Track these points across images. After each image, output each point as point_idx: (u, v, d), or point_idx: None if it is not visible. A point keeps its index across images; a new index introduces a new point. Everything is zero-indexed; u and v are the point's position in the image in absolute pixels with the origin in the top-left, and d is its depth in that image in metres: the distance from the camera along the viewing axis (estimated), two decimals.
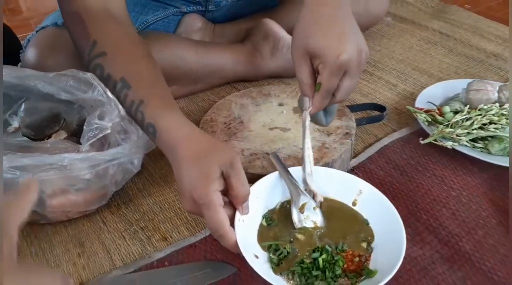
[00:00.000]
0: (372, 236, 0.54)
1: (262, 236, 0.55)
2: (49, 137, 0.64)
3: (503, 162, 0.63)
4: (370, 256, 0.52)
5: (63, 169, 0.56)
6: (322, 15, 0.53)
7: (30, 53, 0.75)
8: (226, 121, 0.72)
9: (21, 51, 0.78)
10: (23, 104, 0.67)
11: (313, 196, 0.56)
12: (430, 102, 0.75)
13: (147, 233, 0.60)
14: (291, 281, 0.50)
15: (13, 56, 0.80)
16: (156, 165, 0.72)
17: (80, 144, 0.59)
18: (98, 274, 0.55)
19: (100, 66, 0.59)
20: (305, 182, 0.57)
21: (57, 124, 0.65)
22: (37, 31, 0.77)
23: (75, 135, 0.65)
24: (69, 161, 0.56)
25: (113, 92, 0.60)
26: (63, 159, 0.56)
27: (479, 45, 1.01)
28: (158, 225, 0.61)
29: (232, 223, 0.50)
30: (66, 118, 0.66)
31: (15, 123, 0.64)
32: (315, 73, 0.55)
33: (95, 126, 0.57)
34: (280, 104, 0.75)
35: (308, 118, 0.57)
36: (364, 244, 0.53)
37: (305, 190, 0.56)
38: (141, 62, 0.60)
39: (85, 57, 0.61)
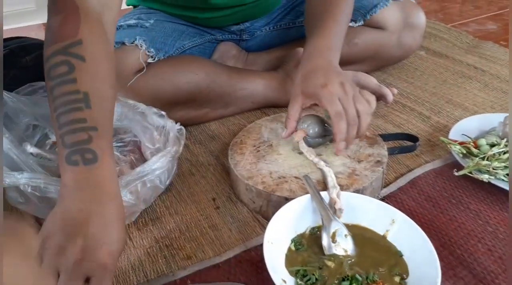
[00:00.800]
0: (407, 271, 0.52)
1: (290, 260, 0.54)
2: None
3: None
4: None
5: None
6: (315, 66, 0.69)
7: None
8: (256, 144, 0.73)
9: None
10: None
11: (334, 203, 0.56)
12: (465, 135, 0.73)
13: (171, 251, 0.60)
14: None
15: None
16: (185, 184, 0.73)
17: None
18: None
19: (72, 65, 0.51)
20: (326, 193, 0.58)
21: None
22: None
23: None
24: None
25: (56, 95, 0.49)
26: None
27: None
28: (183, 243, 0.61)
29: None
30: None
31: (54, 137, 0.67)
32: (301, 111, 0.68)
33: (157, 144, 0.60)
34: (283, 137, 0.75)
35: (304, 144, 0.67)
36: (398, 279, 0.51)
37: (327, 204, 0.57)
38: (110, 91, 0.53)
39: (58, 45, 0.52)
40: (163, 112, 0.68)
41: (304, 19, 0.84)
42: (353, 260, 0.53)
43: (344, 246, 0.54)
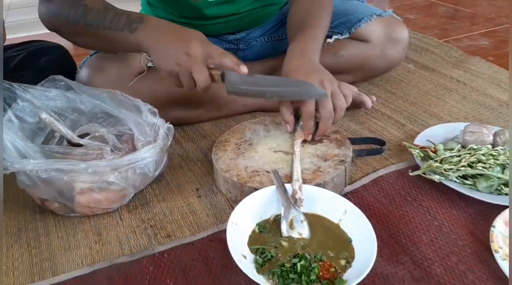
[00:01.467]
0: (353, 256, 0.59)
1: (252, 240, 0.62)
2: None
3: (489, 199, 0.66)
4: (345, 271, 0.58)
5: (89, 173, 0.67)
6: (294, 67, 0.77)
7: (83, 73, 0.90)
8: (238, 142, 0.82)
9: (77, 71, 0.93)
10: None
11: (295, 194, 0.65)
12: (429, 141, 0.80)
13: (154, 231, 0.69)
14: (271, 281, 0.56)
15: (69, 75, 0.95)
16: (174, 176, 0.82)
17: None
18: (108, 258, 0.64)
19: (84, 4, 0.75)
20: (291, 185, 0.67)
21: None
22: (91, 55, 0.93)
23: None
24: (94, 167, 0.67)
25: (93, 18, 0.75)
26: (89, 166, 0.67)
27: (494, 94, 1.05)
28: (165, 225, 0.70)
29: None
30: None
31: (67, 132, 0.77)
32: (293, 105, 0.76)
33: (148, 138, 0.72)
34: (290, 132, 0.83)
35: (299, 144, 0.71)
36: (343, 262, 0.58)
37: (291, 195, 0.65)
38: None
39: (64, 10, 0.76)
40: (155, 110, 0.77)
41: (287, 29, 0.93)
42: (306, 242, 0.61)
43: (299, 230, 0.62)
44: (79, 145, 0.75)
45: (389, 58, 1.07)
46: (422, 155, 0.74)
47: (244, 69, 0.69)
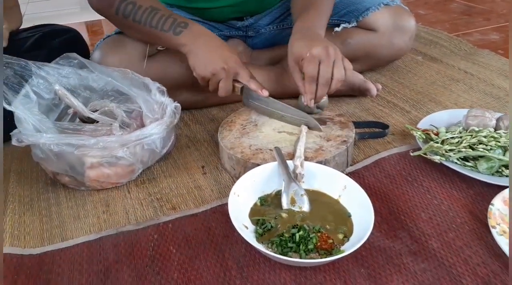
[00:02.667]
0: (351, 231, 0.60)
1: (254, 212, 0.64)
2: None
3: (489, 179, 0.67)
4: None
5: (99, 148, 0.70)
6: (302, 35, 0.80)
7: (96, 54, 0.93)
8: (243, 123, 0.84)
9: (90, 53, 0.96)
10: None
11: (296, 169, 0.67)
12: (432, 125, 0.81)
13: (160, 203, 0.71)
14: (270, 249, 0.58)
15: (82, 56, 0.99)
16: (181, 155, 0.85)
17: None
18: (115, 227, 0.66)
19: (133, 2, 0.83)
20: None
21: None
22: (104, 39, 0.96)
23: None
24: (104, 142, 0.70)
25: (141, 16, 0.82)
26: (99, 141, 0.70)
27: (501, 85, 1.05)
28: (171, 198, 0.73)
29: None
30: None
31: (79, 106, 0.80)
32: (302, 75, 0.78)
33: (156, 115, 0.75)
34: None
35: (305, 128, 0.77)
36: (341, 236, 0.60)
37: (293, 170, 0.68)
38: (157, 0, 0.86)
39: (116, 2, 0.83)
40: (164, 89, 0.79)
41: (291, 12, 0.95)
42: (305, 215, 0.62)
43: (299, 204, 0.64)
44: (90, 121, 0.78)
45: (395, 47, 1.08)
46: (424, 137, 0.75)
47: (265, 93, 0.81)
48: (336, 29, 1.04)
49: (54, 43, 1.03)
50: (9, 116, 0.73)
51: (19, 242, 0.64)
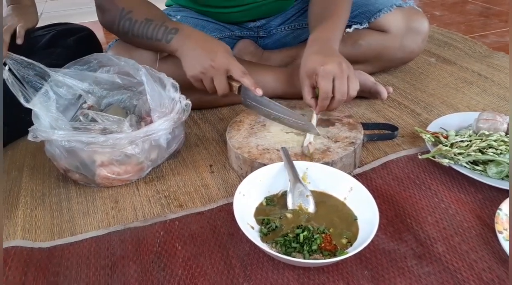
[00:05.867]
0: (356, 236, 0.59)
1: (260, 212, 0.64)
2: None
3: (498, 184, 0.66)
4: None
5: (108, 145, 0.71)
6: (317, 49, 0.80)
7: (110, 53, 0.95)
8: (252, 123, 0.84)
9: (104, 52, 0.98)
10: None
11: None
12: (443, 128, 0.80)
13: (168, 200, 0.72)
14: (274, 249, 0.58)
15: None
16: (189, 153, 0.86)
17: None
18: (123, 223, 0.67)
19: (130, 18, 0.86)
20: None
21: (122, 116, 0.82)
22: (116, 40, 0.98)
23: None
24: (113, 139, 0.71)
25: (138, 30, 0.85)
26: (108, 138, 0.71)
27: None
28: (178, 196, 0.74)
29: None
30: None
31: (90, 101, 0.82)
32: (315, 89, 0.79)
33: (164, 109, 0.75)
34: (303, 114, 0.85)
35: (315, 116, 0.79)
36: (345, 241, 0.59)
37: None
38: (153, 10, 0.89)
39: (116, 19, 0.87)
40: (177, 85, 0.80)
41: (308, 19, 0.95)
42: (310, 216, 0.62)
43: (305, 205, 0.64)
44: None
45: (407, 49, 1.07)
46: (433, 140, 0.75)
47: (259, 91, 0.80)
48: (348, 30, 1.04)
49: (68, 41, 1.05)
50: (23, 112, 0.75)
51: (30, 235, 0.66)
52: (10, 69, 0.73)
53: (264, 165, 0.70)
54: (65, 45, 1.04)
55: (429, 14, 1.71)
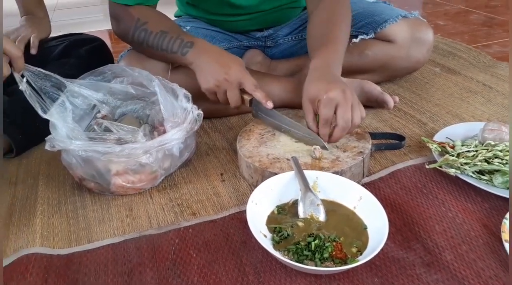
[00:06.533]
0: (365, 245, 0.61)
1: (271, 220, 0.66)
2: None
3: (504, 193, 0.68)
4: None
5: (123, 154, 0.73)
6: (319, 76, 0.80)
7: (122, 64, 0.97)
8: (261, 132, 0.86)
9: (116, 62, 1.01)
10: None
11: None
12: (449, 138, 0.82)
13: (181, 208, 0.74)
14: (286, 257, 0.60)
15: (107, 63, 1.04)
16: (200, 162, 0.88)
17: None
18: (138, 230, 0.69)
19: (145, 29, 0.89)
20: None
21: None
22: (128, 50, 1.00)
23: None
24: (128, 149, 0.73)
25: (153, 41, 0.88)
26: (124, 148, 0.73)
27: None
28: (191, 204, 0.75)
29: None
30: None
31: (104, 111, 0.84)
32: (315, 115, 0.79)
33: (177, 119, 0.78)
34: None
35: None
36: (355, 250, 0.61)
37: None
38: (167, 22, 0.93)
39: (131, 29, 0.90)
40: (189, 95, 0.82)
41: (307, 41, 0.94)
42: (321, 224, 0.64)
43: (316, 213, 0.66)
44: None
45: (413, 59, 1.09)
46: (440, 150, 0.76)
47: (270, 104, 0.83)
48: (354, 40, 1.06)
49: (81, 51, 1.08)
50: (37, 121, 0.77)
51: (49, 242, 0.68)
52: (27, 81, 0.76)
53: (275, 174, 0.72)
54: (78, 55, 1.06)
55: (433, 24, 1.73)
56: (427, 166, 0.75)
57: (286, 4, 1.12)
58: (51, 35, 1.17)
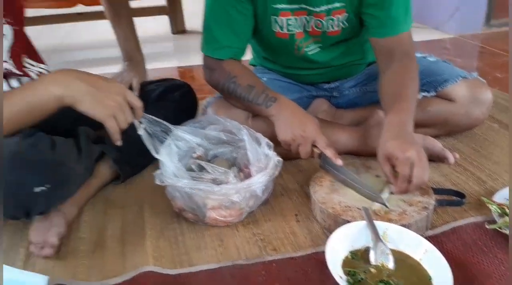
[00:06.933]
0: None
1: (346, 264, 0.76)
2: None
3: None
4: None
5: (220, 193, 0.87)
6: (395, 135, 0.89)
7: (210, 110, 1.13)
8: (332, 180, 0.97)
9: (203, 111, 1.17)
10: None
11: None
12: (507, 199, 0.89)
13: (264, 243, 0.87)
14: None
15: (192, 106, 1.25)
16: (277, 202, 1.00)
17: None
18: (230, 259, 0.82)
19: (234, 82, 1.04)
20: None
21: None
22: (215, 98, 1.16)
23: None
24: (225, 189, 0.87)
25: (241, 93, 1.03)
26: (222, 189, 0.87)
27: None
28: (271, 240, 0.88)
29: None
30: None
31: (199, 152, 0.99)
32: (394, 168, 0.87)
33: (261, 164, 0.91)
34: (377, 176, 0.97)
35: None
36: None
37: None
38: (253, 78, 1.07)
39: (222, 80, 1.06)
40: (271, 144, 0.96)
41: (380, 98, 1.05)
42: (390, 272, 0.74)
43: (385, 261, 0.75)
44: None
45: (472, 117, 1.17)
46: (499, 212, 0.84)
47: (340, 162, 0.94)
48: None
49: (175, 95, 1.25)
50: (143, 156, 0.93)
51: (159, 262, 0.82)
52: (144, 128, 0.91)
53: (347, 221, 0.83)
54: (172, 99, 1.23)
55: (490, 77, 1.78)
56: (487, 226, 0.82)
57: (353, 61, 1.25)
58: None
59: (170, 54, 2.51)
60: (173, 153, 0.93)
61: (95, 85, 0.81)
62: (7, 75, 0.96)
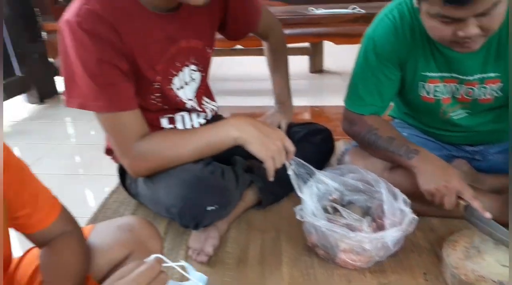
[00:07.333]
0: None
1: None
2: None
3: None
4: None
5: (354, 240, 0.96)
6: None
7: (347, 158, 1.24)
8: (467, 246, 0.98)
9: (339, 156, 1.28)
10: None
11: None
12: None
13: None
14: None
15: (330, 153, 1.39)
16: (405, 256, 1.05)
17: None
18: None
19: (376, 134, 1.12)
20: None
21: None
22: (352, 146, 1.26)
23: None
24: (359, 237, 0.96)
25: (381, 144, 1.10)
26: (357, 235, 0.96)
27: None
28: None
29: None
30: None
31: (335, 195, 1.11)
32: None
33: (395, 218, 0.97)
34: None
35: None
36: None
37: None
38: (393, 131, 1.14)
39: (363, 132, 1.14)
40: (408, 200, 1.02)
41: None
42: None
43: None
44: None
45: None
46: None
47: (488, 215, 0.95)
48: None
49: (316, 138, 1.39)
50: (280, 180, 1.05)
51: None
52: (293, 169, 1.06)
53: None
54: (313, 142, 1.36)
55: None
56: None
57: (503, 128, 1.22)
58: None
59: (306, 91, 2.69)
60: (314, 194, 1.06)
61: (262, 131, 0.99)
62: (191, 110, 1.22)
